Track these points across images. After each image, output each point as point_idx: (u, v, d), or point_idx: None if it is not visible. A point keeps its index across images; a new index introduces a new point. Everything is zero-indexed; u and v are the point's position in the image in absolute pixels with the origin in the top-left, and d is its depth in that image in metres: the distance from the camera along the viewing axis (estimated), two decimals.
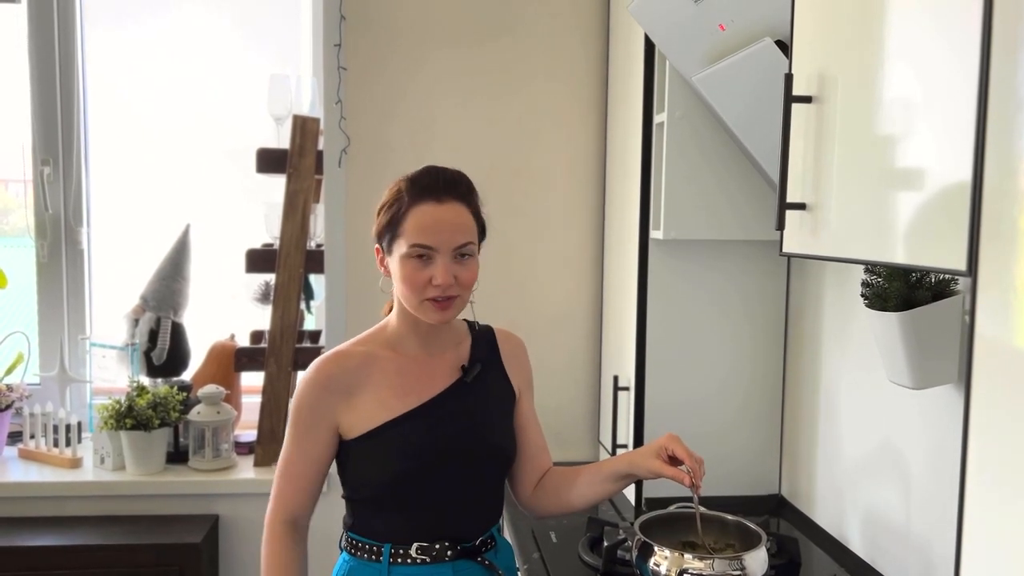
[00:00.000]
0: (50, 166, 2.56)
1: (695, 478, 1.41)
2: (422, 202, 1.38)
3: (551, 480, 1.57)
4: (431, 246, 1.36)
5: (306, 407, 1.42)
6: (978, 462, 0.91)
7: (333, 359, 1.44)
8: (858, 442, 1.79)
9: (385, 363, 1.45)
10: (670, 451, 1.43)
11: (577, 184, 2.57)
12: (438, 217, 1.37)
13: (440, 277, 1.36)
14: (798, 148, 1.30)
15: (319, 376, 1.42)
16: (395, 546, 1.42)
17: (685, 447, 1.43)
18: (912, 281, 1.40)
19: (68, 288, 2.61)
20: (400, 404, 1.42)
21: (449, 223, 1.38)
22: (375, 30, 2.47)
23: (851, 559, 1.77)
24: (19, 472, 2.36)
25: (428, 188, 1.38)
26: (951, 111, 0.95)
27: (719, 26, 1.63)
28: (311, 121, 2.42)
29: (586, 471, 1.54)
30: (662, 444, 1.44)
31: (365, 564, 1.44)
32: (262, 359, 2.44)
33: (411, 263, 1.37)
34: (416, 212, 1.37)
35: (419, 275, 1.37)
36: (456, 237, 1.38)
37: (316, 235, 2.53)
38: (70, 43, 2.56)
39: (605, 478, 1.51)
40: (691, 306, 2.09)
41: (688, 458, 1.41)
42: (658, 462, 1.43)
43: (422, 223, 1.37)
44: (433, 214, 1.37)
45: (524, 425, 1.57)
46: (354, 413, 1.41)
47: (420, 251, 1.37)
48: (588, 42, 2.53)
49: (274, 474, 1.47)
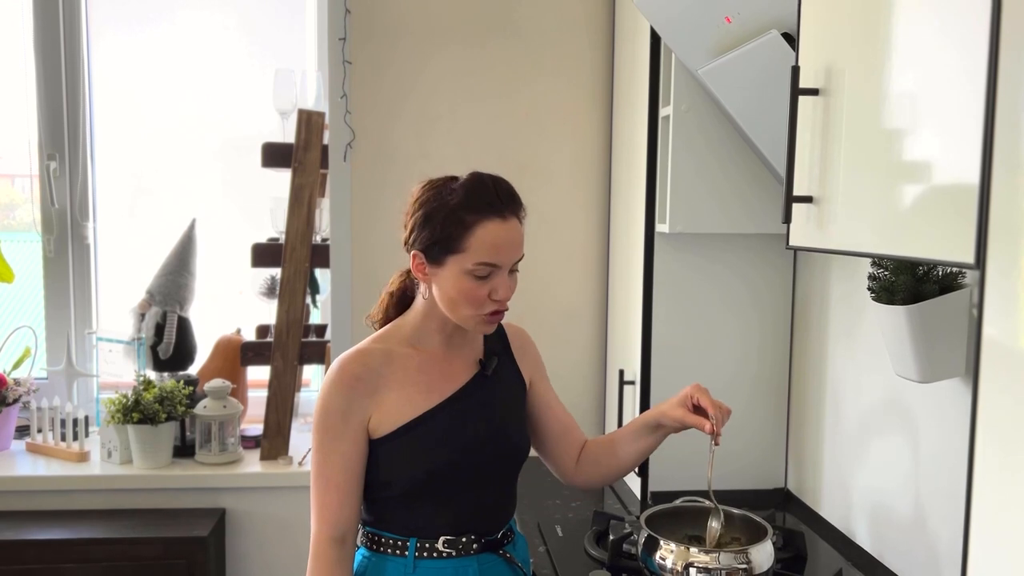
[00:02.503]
0: (56, 161, 2.57)
1: (716, 426, 1.43)
2: (487, 219, 1.34)
3: (591, 453, 1.60)
4: (498, 264, 1.36)
5: (335, 409, 1.39)
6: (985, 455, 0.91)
7: (356, 358, 1.42)
8: (864, 436, 1.78)
9: (406, 360, 1.44)
10: (695, 400, 1.46)
11: (583, 178, 2.56)
12: (506, 236, 1.35)
13: (503, 293, 1.37)
14: (805, 141, 1.29)
15: (345, 376, 1.40)
16: (421, 540, 1.42)
17: (710, 397, 1.46)
18: (919, 274, 1.40)
19: (75, 283, 2.62)
20: (425, 400, 1.42)
21: (514, 240, 1.37)
22: (380, 24, 2.46)
23: (858, 553, 1.77)
24: (27, 466, 2.37)
25: (491, 204, 1.35)
26: (959, 103, 0.95)
27: (725, 19, 1.62)
28: (316, 115, 2.42)
29: (620, 434, 1.58)
30: (688, 394, 1.48)
31: (388, 559, 1.43)
32: (268, 353, 2.44)
33: (472, 279, 1.36)
34: (482, 230, 1.34)
35: (480, 291, 1.36)
36: (518, 253, 1.39)
37: (321, 229, 2.53)
38: (76, 38, 2.56)
39: (640, 433, 1.54)
40: (697, 300, 2.09)
41: (712, 407, 1.44)
42: (681, 410, 1.47)
43: (491, 242, 1.34)
44: (501, 233, 1.35)
45: (548, 406, 1.59)
46: (381, 411, 1.40)
47: (487, 270, 1.35)
48: (593, 36, 2.53)
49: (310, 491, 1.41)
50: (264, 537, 2.37)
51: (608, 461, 1.58)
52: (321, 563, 1.38)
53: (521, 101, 2.52)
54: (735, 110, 1.73)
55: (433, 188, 1.40)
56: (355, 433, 1.39)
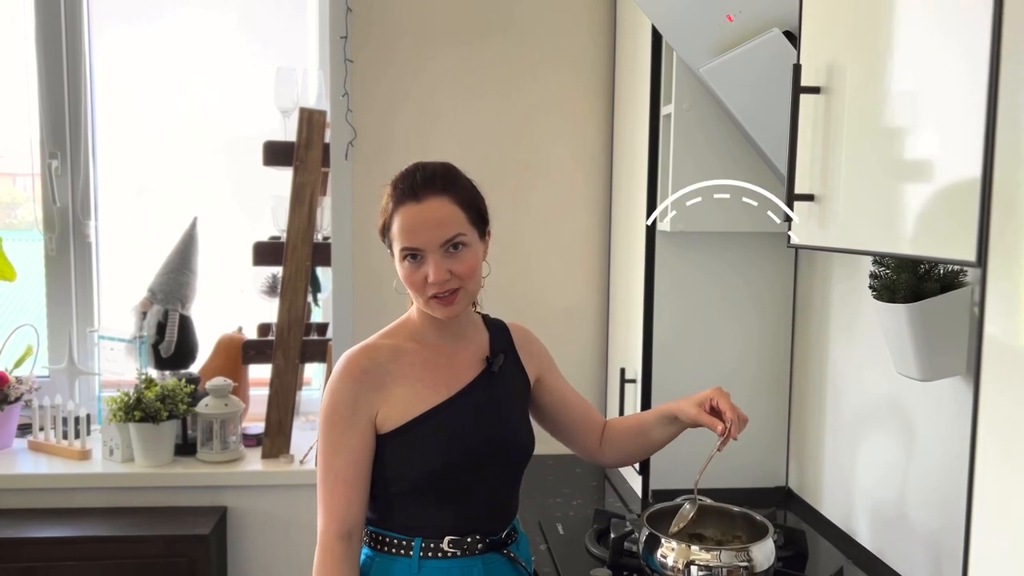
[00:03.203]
0: (58, 159, 2.57)
1: (732, 430, 1.44)
2: (403, 204, 1.38)
3: (615, 436, 1.62)
4: (417, 247, 1.37)
5: (343, 404, 1.39)
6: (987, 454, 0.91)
7: (363, 352, 1.43)
8: (865, 434, 1.78)
9: (412, 355, 1.45)
10: (714, 403, 1.48)
11: (584, 177, 2.56)
12: (419, 217, 1.37)
13: (433, 275, 1.36)
14: (806, 139, 1.29)
15: (352, 370, 1.40)
16: (426, 540, 1.41)
17: (730, 402, 1.48)
18: (921, 273, 1.40)
19: (76, 281, 2.62)
20: (433, 395, 1.42)
21: (431, 220, 1.36)
22: (382, 22, 2.46)
23: (858, 551, 1.77)
24: (28, 464, 2.37)
25: (407, 189, 1.38)
26: (961, 101, 0.95)
27: (727, 17, 1.62)
28: (318, 114, 2.42)
29: (646, 419, 1.60)
30: (708, 395, 1.50)
31: (392, 559, 1.42)
32: (269, 352, 2.44)
33: (406, 265, 1.39)
34: (399, 215, 1.38)
35: (416, 275, 1.38)
36: (441, 233, 1.37)
37: (323, 228, 2.53)
38: (77, 36, 2.56)
39: (661, 422, 1.57)
40: (698, 298, 2.09)
41: (730, 411, 1.46)
42: (697, 409, 1.48)
43: (405, 225, 1.37)
44: (414, 215, 1.37)
45: (563, 398, 1.62)
46: (388, 406, 1.40)
47: (408, 253, 1.38)
48: (595, 34, 2.53)
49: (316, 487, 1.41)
50: (265, 535, 2.38)
51: (631, 446, 1.62)
52: (328, 559, 1.37)
53: (522, 99, 2.52)
54: (736, 108, 1.73)
55: (386, 186, 1.44)
56: (363, 427, 1.39)
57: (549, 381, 1.61)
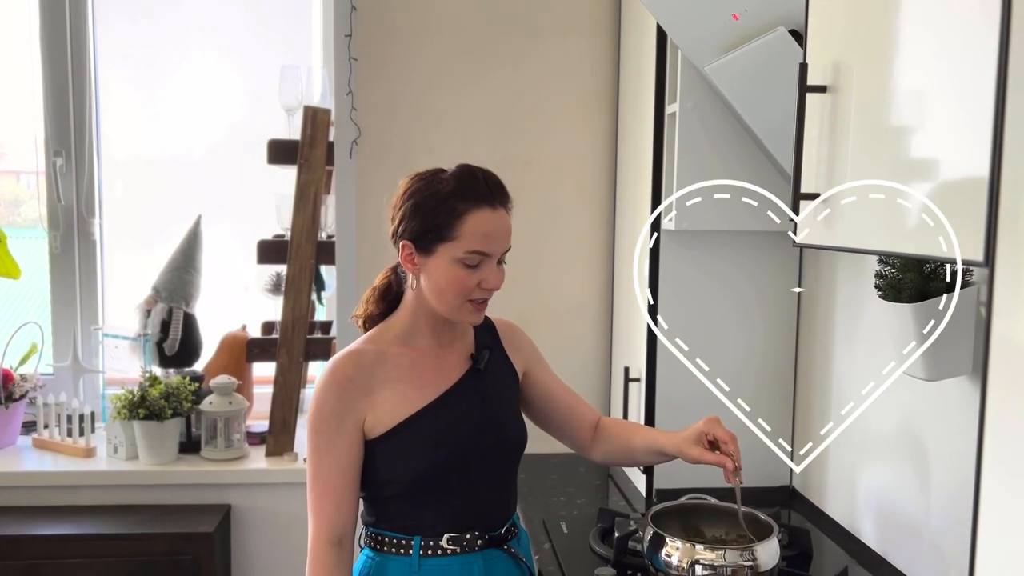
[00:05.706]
0: (62, 157, 2.57)
1: (737, 461, 1.43)
2: (478, 208, 1.37)
3: (605, 439, 1.61)
4: (490, 253, 1.38)
5: (330, 411, 1.39)
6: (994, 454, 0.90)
7: (348, 359, 1.43)
8: (870, 434, 1.78)
9: (398, 358, 1.44)
10: (710, 436, 1.46)
11: (588, 175, 2.56)
12: (496, 223, 1.38)
13: (493, 281, 1.39)
14: (812, 138, 1.29)
15: (337, 377, 1.40)
16: (425, 538, 1.42)
17: (724, 429, 1.46)
18: (927, 272, 1.39)
19: (81, 279, 2.62)
20: (420, 397, 1.42)
21: (504, 229, 1.40)
22: (386, 21, 2.46)
23: (863, 550, 1.77)
24: (33, 461, 2.37)
25: (483, 194, 1.38)
26: (968, 100, 0.94)
27: (732, 15, 1.62)
28: (322, 112, 2.42)
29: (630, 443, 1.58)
30: (702, 430, 1.47)
31: (393, 559, 1.43)
32: (273, 350, 2.44)
33: (462, 267, 1.37)
34: (474, 218, 1.36)
35: (469, 280, 1.38)
36: (507, 242, 1.41)
37: (327, 226, 2.53)
38: (82, 34, 2.56)
39: (647, 452, 1.56)
40: (702, 297, 2.08)
41: (732, 441, 1.44)
42: (698, 449, 1.46)
43: (481, 230, 1.36)
44: (491, 221, 1.38)
45: (550, 391, 1.61)
46: (376, 411, 1.40)
47: (478, 258, 1.37)
48: (599, 32, 2.52)
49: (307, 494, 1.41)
50: (270, 533, 2.38)
51: (623, 455, 1.61)
52: (319, 566, 1.38)
53: (527, 98, 2.52)
54: (742, 107, 1.73)
55: (423, 179, 1.42)
56: (350, 435, 1.39)
57: (535, 374, 1.61)
